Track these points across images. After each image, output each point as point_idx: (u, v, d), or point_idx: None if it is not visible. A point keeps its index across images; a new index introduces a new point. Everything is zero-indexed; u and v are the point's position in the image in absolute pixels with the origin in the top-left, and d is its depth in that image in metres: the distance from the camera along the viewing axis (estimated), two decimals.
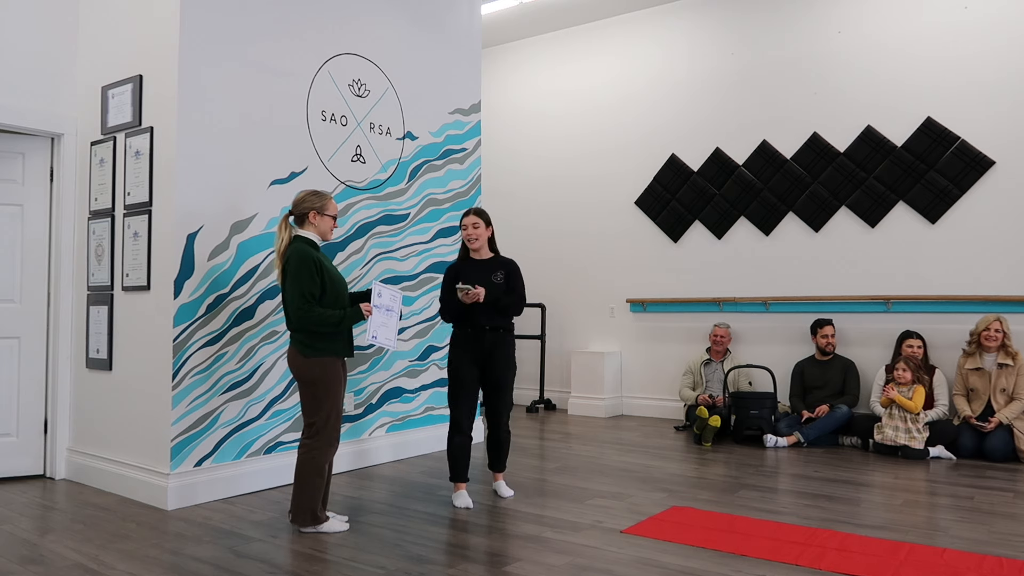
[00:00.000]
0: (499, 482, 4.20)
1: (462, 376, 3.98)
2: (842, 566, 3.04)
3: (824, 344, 6.03)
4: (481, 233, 4.04)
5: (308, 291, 3.40)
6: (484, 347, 3.99)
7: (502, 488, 4.18)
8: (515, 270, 4.11)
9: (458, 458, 3.99)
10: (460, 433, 3.98)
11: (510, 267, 4.10)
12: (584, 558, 3.15)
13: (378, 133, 5.15)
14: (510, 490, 4.20)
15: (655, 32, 7.44)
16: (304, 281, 3.40)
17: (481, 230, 4.04)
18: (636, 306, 7.44)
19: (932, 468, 4.92)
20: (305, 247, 3.48)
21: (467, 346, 4.00)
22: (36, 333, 4.63)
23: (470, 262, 4.10)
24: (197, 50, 4.09)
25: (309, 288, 3.41)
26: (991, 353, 5.35)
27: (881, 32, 6.24)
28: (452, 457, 3.99)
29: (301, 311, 3.39)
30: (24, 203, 4.63)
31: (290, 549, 3.27)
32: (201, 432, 4.08)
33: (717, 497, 4.17)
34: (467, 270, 4.04)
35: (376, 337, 3.58)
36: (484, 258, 4.10)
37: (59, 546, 3.31)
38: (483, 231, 4.05)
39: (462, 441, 3.99)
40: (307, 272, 3.41)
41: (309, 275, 3.41)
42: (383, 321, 3.62)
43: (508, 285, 4.05)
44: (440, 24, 5.69)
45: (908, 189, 6.05)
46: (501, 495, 4.16)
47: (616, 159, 7.63)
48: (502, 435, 4.11)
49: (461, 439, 3.99)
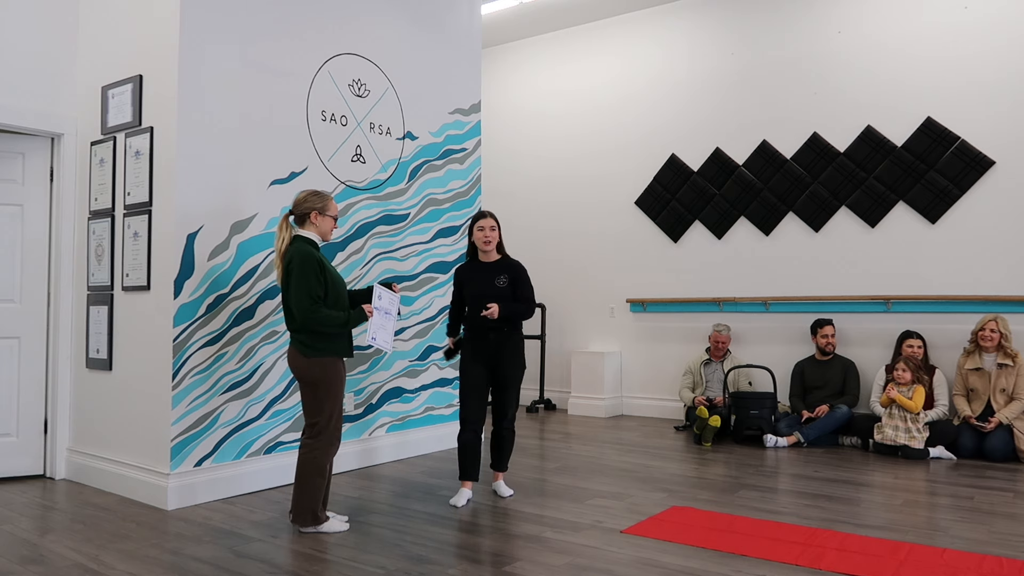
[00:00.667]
0: (499, 482, 4.21)
1: (470, 375, 4.02)
2: (842, 566, 3.04)
3: (824, 344, 6.03)
4: (496, 236, 4.07)
5: (314, 292, 3.41)
6: (491, 346, 4.02)
7: (501, 488, 4.19)
8: (522, 273, 4.12)
9: (466, 456, 4.02)
10: (469, 431, 4.01)
11: (516, 270, 4.10)
12: (584, 558, 3.15)
13: (378, 133, 5.15)
14: (509, 490, 4.21)
15: (655, 32, 7.44)
16: (310, 281, 3.41)
17: (497, 232, 4.08)
18: (636, 306, 7.44)
19: (932, 468, 4.92)
20: (307, 247, 3.48)
21: (475, 345, 4.04)
22: (36, 333, 4.63)
23: (476, 264, 4.12)
24: (197, 50, 4.09)
25: (315, 289, 3.41)
26: (991, 353, 5.35)
27: (881, 32, 6.24)
28: (461, 455, 4.03)
29: (308, 312, 3.39)
30: (24, 203, 4.63)
31: (290, 549, 3.27)
32: (201, 432, 4.08)
33: (717, 497, 4.17)
34: (473, 275, 4.08)
35: (375, 339, 3.59)
36: (491, 260, 4.11)
37: (59, 546, 3.31)
38: (497, 234, 4.08)
39: (470, 439, 4.02)
40: (312, 272, 3.41)
41: (314, 275, 3.42)
42: (382, 323, 3.64)
43: (513, 289, 4.05)
44: (440, 24, 5.69)
45: (908, 189, 6.06)
46: (500, 495, 4.16)
47: (616, 159, 7.63)
48: (505, 434, 4.12)
49: (470, 437, 4.01)
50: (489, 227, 4.05)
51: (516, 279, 4.07)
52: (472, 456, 4.04)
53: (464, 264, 4.20)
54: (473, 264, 4.14)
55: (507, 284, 4.04)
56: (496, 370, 4.04)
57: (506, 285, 4.04)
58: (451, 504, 3.97)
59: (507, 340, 4.04)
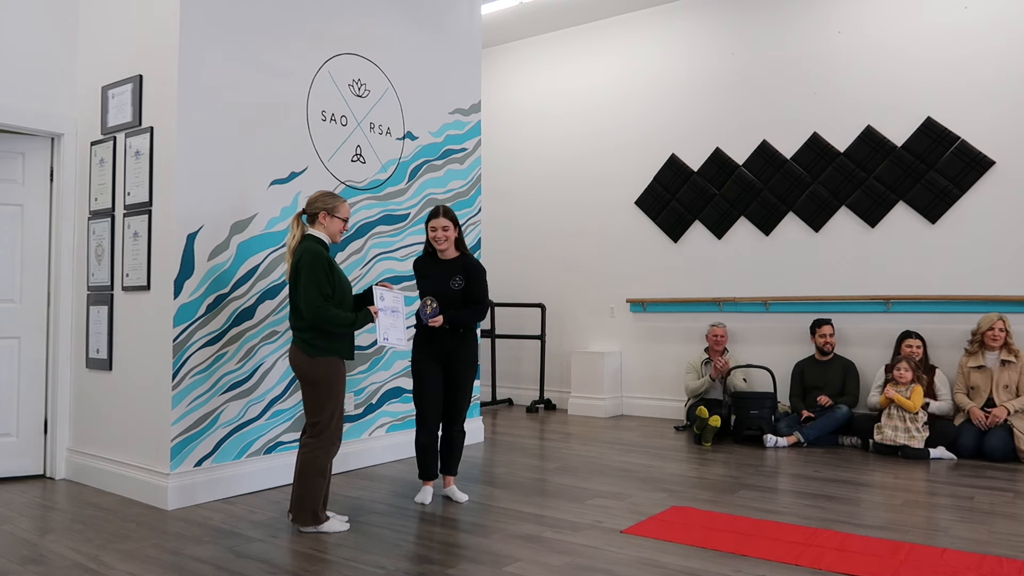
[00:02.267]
0: (451, 487, 4.10)
1: (424, 374, 3.96)
2: (842, 566, 3.04)
3: (822, 344, 6.03)
4: (450, 235, 3.97)
5: (324, 289, 3.43)
6: (445, 346, 3.96)
7: (455, 493, 4.07)
8: (477, 273, 3.99)
9: (426, 457, 4.02)
10: (425, 432, 3.98)
11: (472, 270, 3.99)
12: (584, 558, 3.15)
13: (378, 133, 5.15)
14: (464, 495, 4.09)
15: (655, 32, 7.44)
16: (320, 279, 3.43)
17: (450, 232, 3.96)
18: (636, 306, 7.44)
19: (932, 468, 4.92)
20: (317, 246, 3.50)
21: (428, 344, 3.97)
22: (36, 333, 4.63)
23: (434, 260, 4.04)
24: (197, 50, 4.09)
25: (324, 286, 3.44)
26: (993, 351, 5.36)
27: (881, 32, 6.24)
28: (420, 456, 4.02)
29: (319, 309, 3.41)
30: (24, 203, 4.63)
31: (290, 549, 3.27)
32: (201, 432, 4.08)
33: (717, 497, 4.17)
34: (428, 271, 4.01)
35: (387, 338, 3.60)
36: (449, 258, 4.02)
37: (59, 546, 3.31)
38: (451, 233, 3.97)
39: (430, 442, 4.00)
40: (322, 271, 3.44)
41: (324, 274, 3.45)
42: (391, 323, 3.65)
43: (467, 289, 3.96)
44: (440, 24, 5.69)
45: (908, 189, 6.06)
46: (455, 500, 4.05)
47: (616, 159, 7.63)
48: (456, 435, 4.06)
49: (429, 439, 3.99)
50: (441, 227, 3.94)
51: (470, 280, 3.97)
52: (432, 457, 4.03)
53: (422, 258, 4.09)
54: (431, 260, 4.04)
55: (461, 286, 3.94)
56: (449, 369, 3.98)
57: (460, 287, 3.94)
58: (417, 502, 3.98)
59: (461, 341, 3.98)
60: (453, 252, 4.03)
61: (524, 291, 8.15)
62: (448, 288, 3.93)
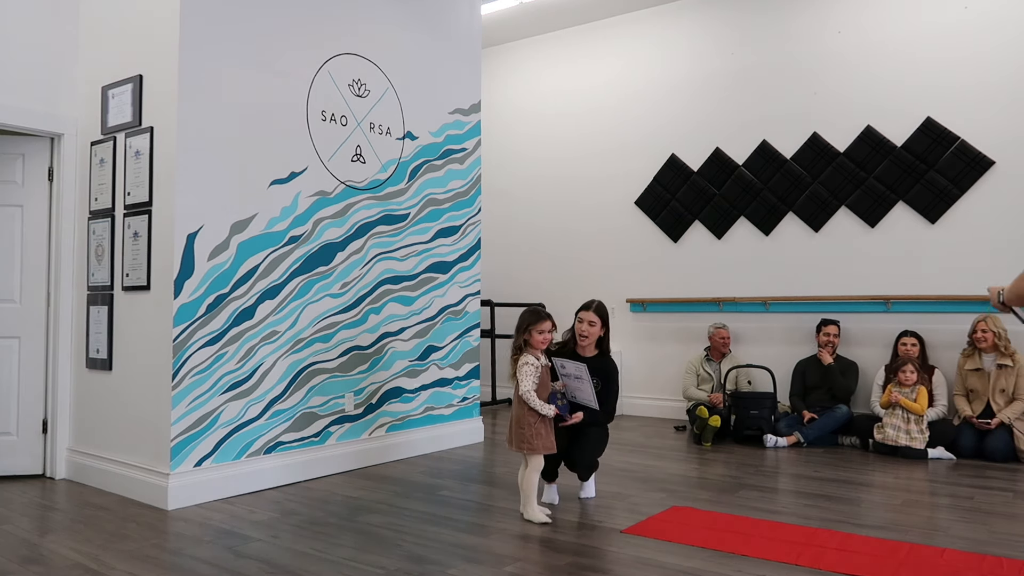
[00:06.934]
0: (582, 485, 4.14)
1: None
2: (842, 566, 3.04)
3: (823, 342, 6.02)
4: (595, 332, 3.91)
5: None
6: (569, 432, 3.89)
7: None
8: (614, 375, 3.95)
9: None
10: None
11: (609, 371, 3.93)
12: (584, 558, 3.15)
13: (378, 133, 5.15)
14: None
15: (655, 32, 7.44)
16: None
17: (596, 328, 3.91)
18: (636, 306, 7.43)
19: (932, 468, 4.92)
20: None
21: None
22: (36, 333, 4.63)
23: (571, 354, 3.92)
24: (197, 50, 4.09)
25: None
26: (990, 354, 5.35)
27: (881, 32, 6.24)
28: None
29: None
30: (24, 203, 4.63)
31: (290, 549, 3.27)
32: (201, 432, 4.08)
33: (717, 497, 4.17)
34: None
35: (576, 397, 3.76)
36: (588, 356, 3.94)
37: (59, 546, 3.31)
38: (597, 330, 3.91)
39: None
40: None
41: None
42: (577, 387, 3.73)
43: (603, 390, 3.86)
44: (440, 24, 5.69)
45: (908, 189, 6.06)
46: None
47: (616, 159, 7.63)
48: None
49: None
50: (588, 321, 3.88)
51: (608, 385, 3.89)
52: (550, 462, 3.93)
53: (562, 351, 3.97)
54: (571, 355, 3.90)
55: (599, 388, 3.83)
56: (572, 444, 3.92)
57: (598, 389, 3.82)
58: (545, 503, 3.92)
59: (586, 429, 3.91)
60: (592, 350, 3.98)
61: (524, 291, 8.14)
62: None
